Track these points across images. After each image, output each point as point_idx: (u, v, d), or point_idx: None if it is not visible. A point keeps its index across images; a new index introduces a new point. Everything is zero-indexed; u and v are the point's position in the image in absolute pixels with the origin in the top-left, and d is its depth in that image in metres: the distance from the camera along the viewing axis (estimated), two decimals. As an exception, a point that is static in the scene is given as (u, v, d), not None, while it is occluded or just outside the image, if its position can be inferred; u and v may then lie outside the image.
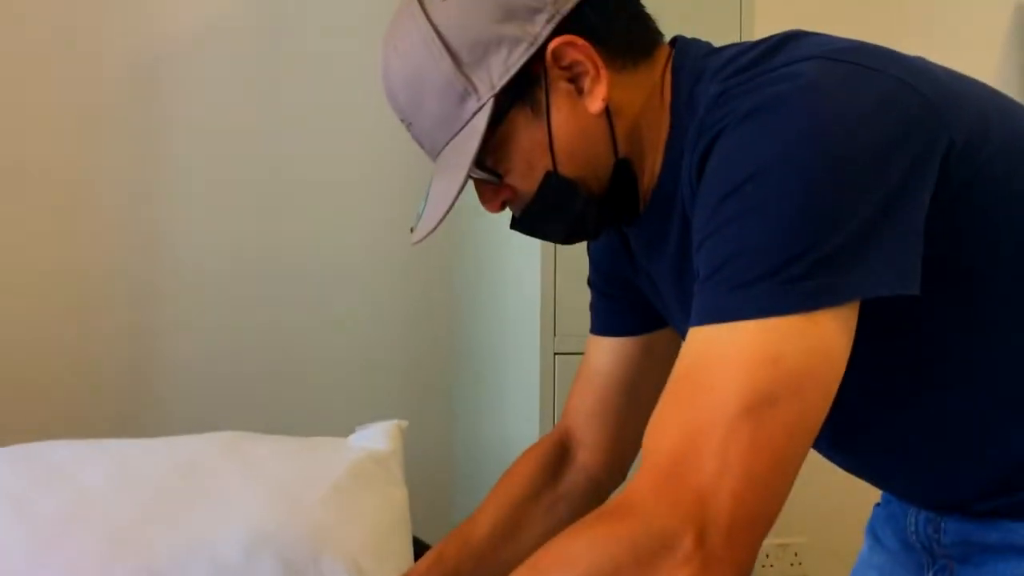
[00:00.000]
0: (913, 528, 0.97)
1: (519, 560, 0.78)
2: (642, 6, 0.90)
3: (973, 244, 0.79)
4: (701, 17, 1.73)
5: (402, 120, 0.90)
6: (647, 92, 0.87)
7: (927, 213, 0.73)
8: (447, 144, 0.85)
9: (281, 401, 2.01)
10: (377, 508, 1.34)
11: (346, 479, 1.34)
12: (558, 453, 1.10)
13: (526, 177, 0.86)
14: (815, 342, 0.69)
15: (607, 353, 1.07)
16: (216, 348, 1.97)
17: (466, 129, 0.83)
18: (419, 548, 1.33)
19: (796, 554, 2.38)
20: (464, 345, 2.06)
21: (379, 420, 1.49)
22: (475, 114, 0.83)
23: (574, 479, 1.09)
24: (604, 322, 1.07)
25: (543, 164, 0.85)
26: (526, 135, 0.84)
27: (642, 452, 0.73)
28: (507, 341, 1.85)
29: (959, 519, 0.91)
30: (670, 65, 0.88)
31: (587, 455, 1.09)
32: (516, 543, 1.04)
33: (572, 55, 0.83)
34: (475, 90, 0.82)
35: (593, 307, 1.09)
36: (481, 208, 0.91)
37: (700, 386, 0.70)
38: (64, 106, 1.88)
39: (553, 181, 0.85)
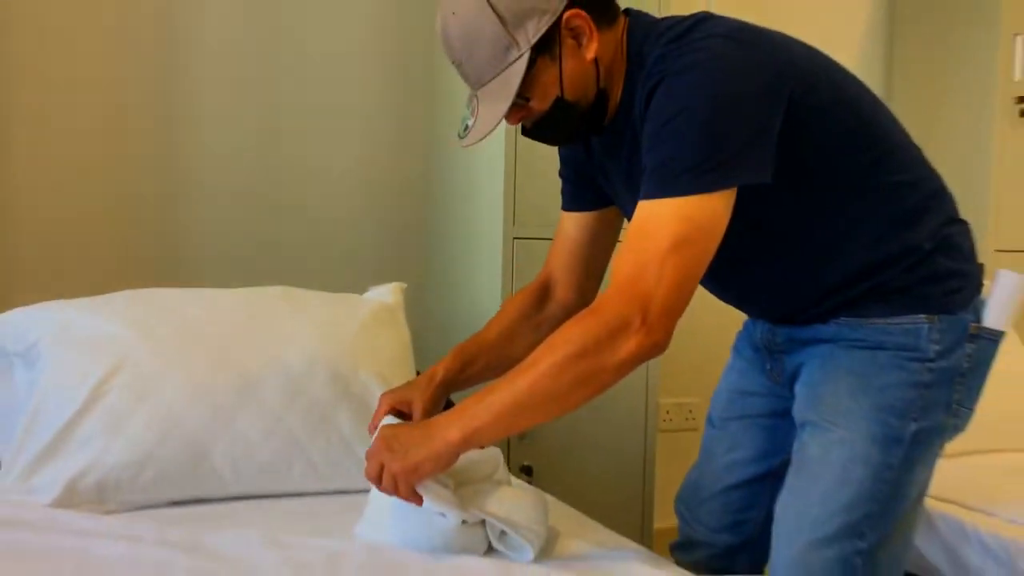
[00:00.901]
0: (759, 336, 1.54)
1: (516, 357, 1.33)
2: None
3: (805, 152, 1.32)
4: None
5: (453, 62, 1.33)
6: (614, 47, 1.36)
7: (780, 133, 1.27)
8: (493, 79, 1.30)
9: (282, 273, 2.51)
10: (391, 340, 1.86)
11: (369, 319, 1.85)
12: (542, 291, 1.63)
13: (543, 101, 1.34)
14: (710, 211, 1.23)
15: (574, 222, 1.59)
16: (227, 220, 2.46)
17: (509, 70, 1.28)
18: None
19: (691, 411, 3.00)
20: (438, 232, 2.57)
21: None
22: (516, 60, 1.28)
23: (553, 308, 1.62)
24: (571, 201, 1.60)
25: (554, 92, 1.33)
26: (546, 74, 1.31)
27: (610, 276, 1.27)
28: (477, 228, 2.36)
29: (787, 326, 1.48)
30: (626, 30, 1.38)
31: (562, 291, 1.62)
32: (513, 346, 1.57)
33: (576, 22, 1.31)
34: (516, 44, 1.28)
35: (563, 191, 1.61)
36: (456, 129, 1.37)
37: (646, 234, 1.23)
38: (106, 40, 2.31)
39: (560, 103, 1.34)
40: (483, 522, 1.37)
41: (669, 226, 1.21)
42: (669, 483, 2.39)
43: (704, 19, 1.35)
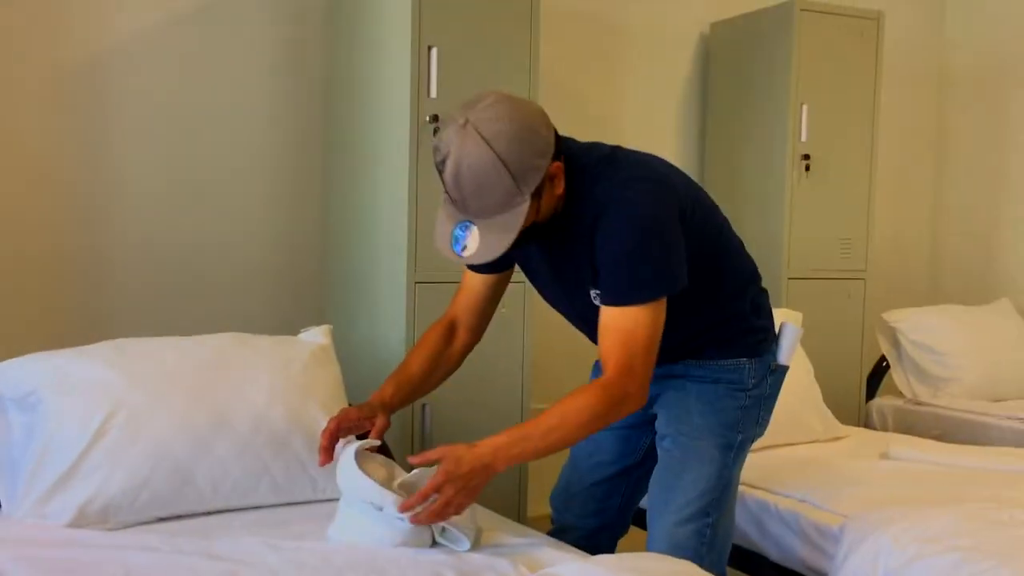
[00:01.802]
0: None
1: (433, 385, 1.96)
2: None
3: (699, 256, 1.84)
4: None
5: (455, 197, 1.65)
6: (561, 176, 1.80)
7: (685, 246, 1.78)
8: (497, 215, 1.65)
9: (190, 308, 2.87)
10: (328, 376, 2.27)
11: (310, 360, 2.25)
12: (449, 329, 2.07)
13: (524, 225, 1.68)
14: (662, 309, 1.75)
15: (481, 280, 2.05)
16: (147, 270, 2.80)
17: (515, 211, 1.65)
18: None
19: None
20: (338, 274, 2.98)
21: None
22: (519, 205, 1.66)
23: (457, 346, 2.07)
24: (482, 265, 2.01)
25: (532, 219, 1.70)
26: (531, 208, 1.68)
27: (602, 361, 1.74)
28: (378, 271, 2.78)
29: (661, 364, 1.96)
30: (562, 158, 1.79)
31: (464, 333, 2.08)
32: (432, 378, 2.03)
33: (555, 171, 1.72)
34: (521, 193, 1.65)
35: None
36: (365, 174, 1.82)
37: (631, 333, 1.72)
38: (35, 83, 2.59)
39: (532, 225, 1.72)
40: (429, 523, 1.83)
41: (646, 327, 1.73)
42: (537, 477, 2.92)
43: (616, 151, 1.83)
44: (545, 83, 2.89)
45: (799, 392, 2.84)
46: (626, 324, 1.72)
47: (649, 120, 3.69)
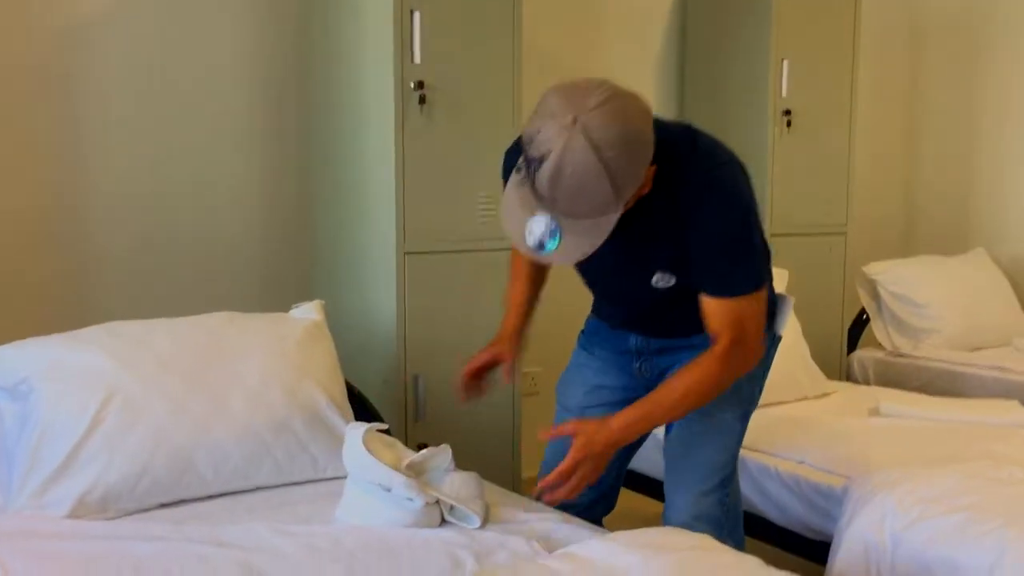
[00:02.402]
0: (633, 344, 2.02)
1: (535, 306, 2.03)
2: None
3: None
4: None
5: (544, 195, 1.52)
6: None
7: None
8: (584, 220, 1.54)
9: (172, 284, 2.82)
10: (323, 353, 2.23)
11: (304, 337, 2.21)
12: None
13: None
14: (764, 293, 1.78)
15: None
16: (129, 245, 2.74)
17: (605, 218, 1.56)
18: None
19: (533, 379, 3.51)
20: (324, 247, 2.93)
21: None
22: (612, 213, 1.56)
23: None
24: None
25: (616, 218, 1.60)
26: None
27: (713, 333, 1.75)
28: (366, 243, 2.74)
29: (662, 339, 1.98)
30: None
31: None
32: (536, 301, 2.08)
33: (649, 173, 1.61)
34: (616, 203, 1.55)
35: None
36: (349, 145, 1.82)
37: (744, 319, 1.74)
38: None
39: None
40: (437, 501, 1.82)
41: (756, 316, 1.78)
42: (530, 435, 2.92)
43: (693, 132, 1.78)
44: (526, 44, 2.83)
45: (787, 350, 2.83)
46: (735, 309, 1.74)
47: (628, 77, 3.61)
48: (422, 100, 2.60)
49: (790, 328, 2.97)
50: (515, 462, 2.90)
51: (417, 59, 2.59)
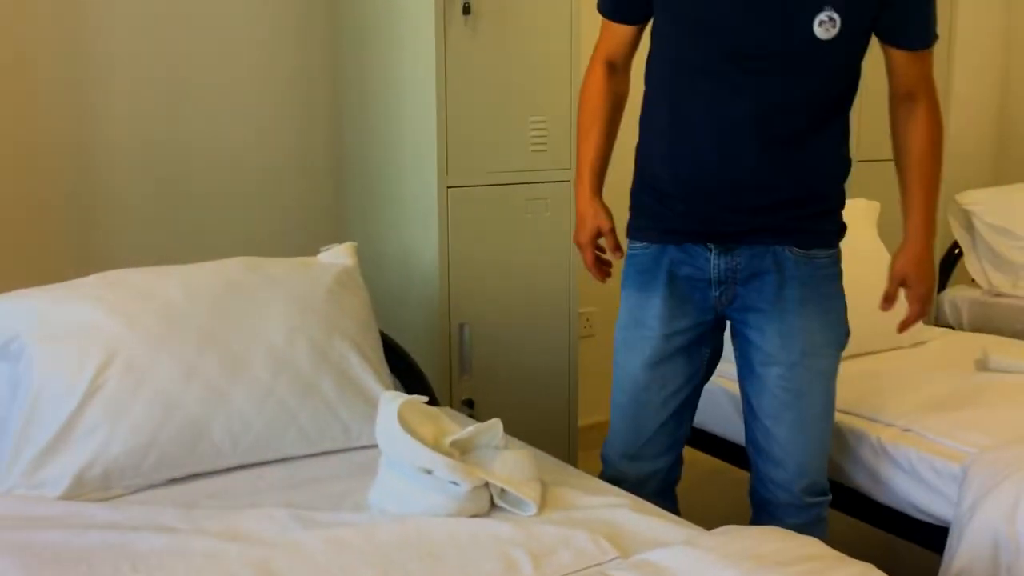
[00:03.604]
0: (712, 269, 1.72)
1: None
2: None
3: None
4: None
5: None
6: None
7: None
8: None
9: (198, 225, 2.55)
10: (355, 304, 1.96)
11: (334, 285, 1.94)
12: (610, 68, 1.81)
13: None
14: None
15: (620, 31, 1.78)
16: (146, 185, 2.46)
17: None
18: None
19: (588, 320, 3.24)
20: (358, 184, 2.63)
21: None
22: None
23: (622, 79, 1.83)
24: (625, 10, 1.76)
25: None
26: None
27: (907, 89, 1.69)
28: (404, 177, 2.43)
29: (747, 247, 1.69)
30: None
31: (623, 72, 1.83)
32: (616, 130, 1.83)
33: None
34: None
35: (609, 3, 1.77)
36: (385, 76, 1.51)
37: (931, 71, 1.69)
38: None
39: None
40: (486, 484, 1.55)
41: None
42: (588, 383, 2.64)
43: None
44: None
45: (874, 290, 2.50)
46: (929, 62, 1.70)
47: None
48: (466, 10, 2.26)
49: (880, 262, 2.62)
50: (571, 412, 2.63)
51: (461, -39, 2.25)
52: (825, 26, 1.55)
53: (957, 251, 3.53)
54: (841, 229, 1.77)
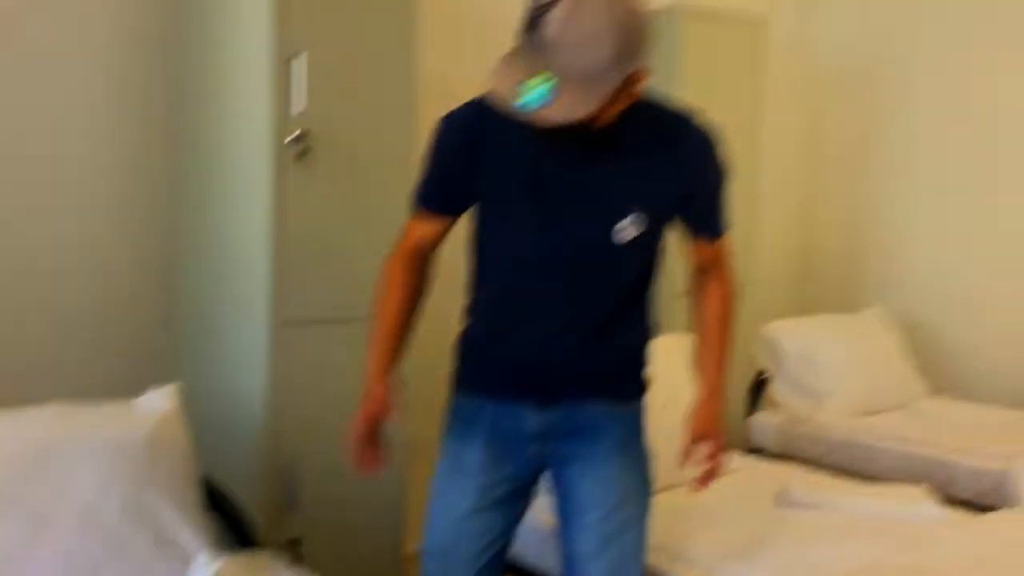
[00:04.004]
0: (534, 424, 1.79)
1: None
2: None
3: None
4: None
5: (547, 44, 1.49)
6: None
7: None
8: (580, 80, 1.49)
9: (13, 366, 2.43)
10: (175, 451, 1.92)
11: (153, 432, 1.90)
12: (420, 259, 1.82)
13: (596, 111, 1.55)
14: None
15: (429, 227, 1.80)
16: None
17: (604, 80, 1.51)
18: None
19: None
20: (188, 316, 2.59)
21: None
22: (610, 80, 1.51)
23: (431, 262, 1.85)
24: (442, 202, 1.79)
25: (604, 108, 1.55)
26: (611, 94, 1.54)
27: (705, 266, 1.85)
28: (241, 314, 2.40)
29: (563, 407, 1.78)
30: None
31: (434, 252, 1.84)
32: (417, 319, 1.83)
33: (643, 79, 1.58)
34: (617, 69, 1.51)
35: (429, 193, 1.79)
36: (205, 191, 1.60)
37: (727, 252, 1.86)
38: None
39: (586, 125, 1.57)
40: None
41: (730, 247, 1.90)
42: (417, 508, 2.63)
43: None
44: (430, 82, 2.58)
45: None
46: (725, 244, 1.87)
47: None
48: (302, 154, 2.31)
49: (687, 394, 2.78)
50: (399, 543, 2.61)
51: (301, 107, 2.30)
52: (626, 232, 1.69)
53: (764, 377, 3.77)
54: (647, 383, 1.90)
